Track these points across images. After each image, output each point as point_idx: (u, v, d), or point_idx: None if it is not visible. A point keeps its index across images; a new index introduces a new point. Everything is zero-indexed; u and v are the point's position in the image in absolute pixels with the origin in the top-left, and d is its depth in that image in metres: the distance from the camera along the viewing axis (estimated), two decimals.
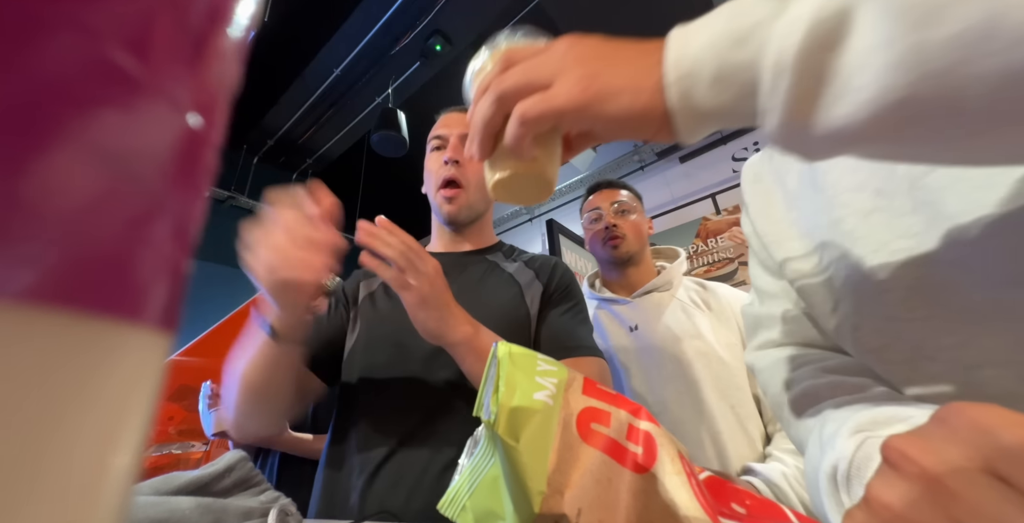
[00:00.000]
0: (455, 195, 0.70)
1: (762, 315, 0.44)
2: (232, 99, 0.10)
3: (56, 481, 0.07)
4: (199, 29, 0.09)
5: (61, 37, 0.07)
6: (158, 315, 0.08)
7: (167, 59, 0.08)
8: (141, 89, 0.08)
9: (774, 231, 0.41)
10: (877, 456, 0.24)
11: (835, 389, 0.33)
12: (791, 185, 0.40)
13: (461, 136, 0.72)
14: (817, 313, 0.37)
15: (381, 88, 2.66)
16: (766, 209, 0.43)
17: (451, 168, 0.69)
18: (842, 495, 0.26)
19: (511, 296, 0.66)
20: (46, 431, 0.06)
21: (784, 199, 0.41)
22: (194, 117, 0.09)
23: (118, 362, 0.08)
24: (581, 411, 0.26)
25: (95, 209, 0.07)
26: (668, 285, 0.93)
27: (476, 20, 2.32)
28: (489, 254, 0.75)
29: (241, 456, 0.45)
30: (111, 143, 0.07)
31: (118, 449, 0.08)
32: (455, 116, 0.77)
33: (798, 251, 0.38)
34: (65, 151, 0.07)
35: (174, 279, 0.09)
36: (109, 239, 0.07)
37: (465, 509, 0.28)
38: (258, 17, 0.11)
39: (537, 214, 3.42)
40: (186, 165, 0.09)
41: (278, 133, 3.05)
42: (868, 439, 0.26)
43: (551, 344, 0.61)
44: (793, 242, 0.38)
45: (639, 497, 0.23)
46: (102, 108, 0.07)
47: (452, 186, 0.69)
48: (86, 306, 0.07)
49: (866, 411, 0.28)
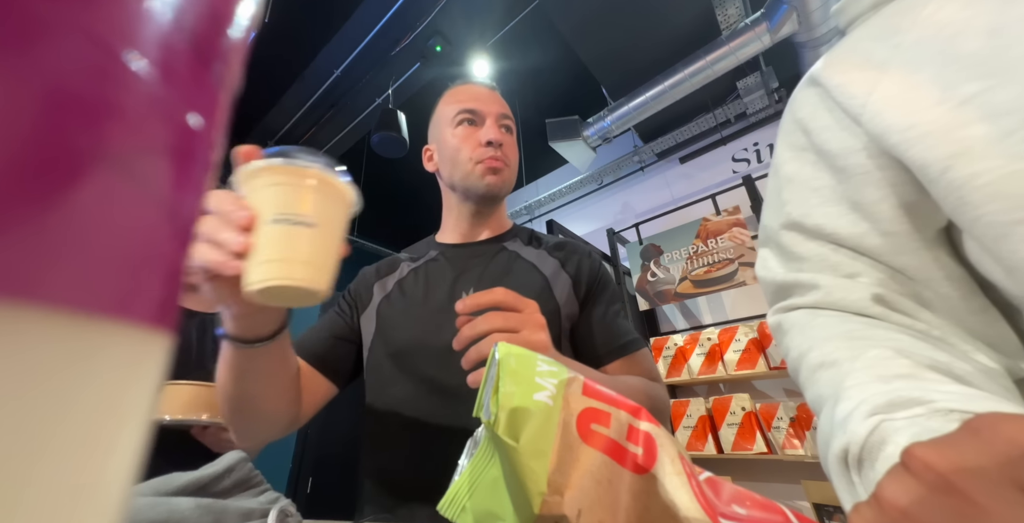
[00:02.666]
0: (501, 167, 0.65)
1: (799, 281, 0.39)
2: (233, 99, 0.10)
3: (51, 483, 0.07)
4: (200, 30, 0.09)
5: (62, 39, 0.07)
6: (157, 314, 0.08)
7: (167, 60, 0.08)
8: (140, 89, 0.08)
9: (929, 119, 0.29)
10: (891, 440, 0.24)
11: (855, 353, 0.31)
12: (969, 47, 0.29)
13: (498, 116, 0.68)
14: (990, 232, 0.27)
15: (381, 89, 2.66)
16: (908, 96, 0.31)
17: (495, 150, 0.65)
18: (852, 475, 0.26)
19: (539, 290, 0.62)
20: (39, 431, 0.06)
21: (946, 73, 0.30)
22: (194, 117, 0.09)
23: (116, 361, 0.08)
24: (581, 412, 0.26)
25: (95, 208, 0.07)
26: None
27: (476, 21, 2.32)
28: (507, 241, 0.71)
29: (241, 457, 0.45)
30: (111, 143, 0.07)
31: (116, 450, 0.08)
32: (484, 90, 0.72)
33: (983, 134, 0.27)
34: (65, 151, 0.07)
35: (173, 279, 0.09)
36: (109, 238, 0.07)
37: (465, 510, 0.28)
38: (258, 18, 0.11)
39: (537, 214, 3.42)
40: (186, 165, 0.09)
41: (279, 133, 3.06)
42: (883, 422, 0.25)
43: (604, 348, 0.59)
44: (974, 126, 0.28)
45: (639, 498, 0.23)
46: (102, 108, 0.07)
47: (496, 160, 0.65)
48: (84, 306, 0.07)
49: (883, 388, 0.27)
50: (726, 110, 2.50)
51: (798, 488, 1.74)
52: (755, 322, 1.96)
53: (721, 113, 2.51)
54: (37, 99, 0.06)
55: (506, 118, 0.70)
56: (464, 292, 0.62)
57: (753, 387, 2.04)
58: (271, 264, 0.32)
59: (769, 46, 1.94)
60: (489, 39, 2.47)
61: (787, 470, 1.83)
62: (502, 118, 0.69)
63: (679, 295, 2.18)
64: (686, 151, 2.68)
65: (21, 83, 0.06)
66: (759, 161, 2.42)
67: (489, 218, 0.72)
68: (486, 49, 2.54)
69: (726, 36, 1.98)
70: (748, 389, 2.03)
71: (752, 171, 2.35)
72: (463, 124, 0.68)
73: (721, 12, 1.96)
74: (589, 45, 2.20)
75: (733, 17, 1.97)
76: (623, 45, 2.17)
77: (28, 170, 0.06)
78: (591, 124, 2.53)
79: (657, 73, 2.22)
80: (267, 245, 0.32)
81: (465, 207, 0.70)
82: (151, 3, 0.08)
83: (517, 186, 3.73)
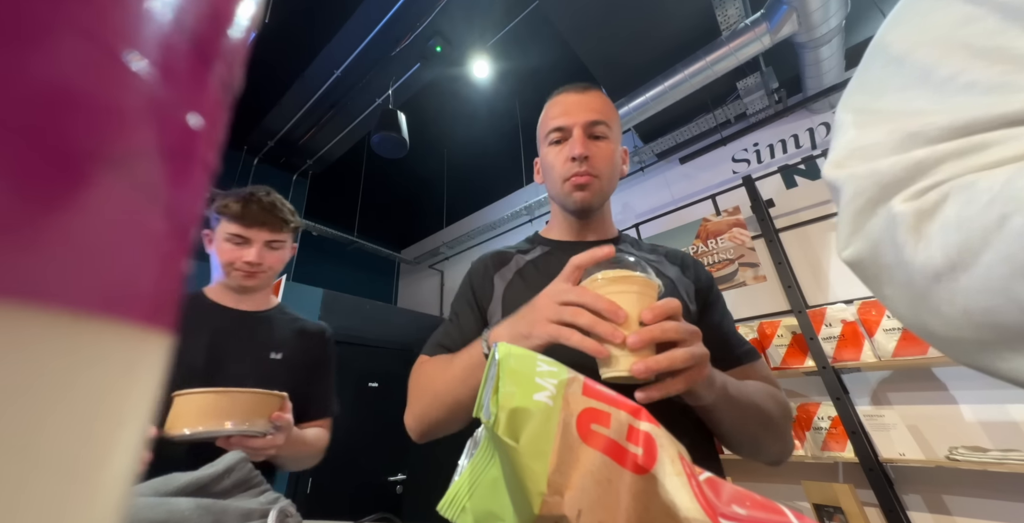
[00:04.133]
0: (588, 182, 0.66)
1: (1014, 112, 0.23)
2: (233, 100, 0.10)
3: (49, 483, 0.06)
4: (200, 30, 0.09)
5: (62, 40, 0.07)
6: (156, 315, 0.08)
7: (167, 60, 0.08)
8: (140, 89, 0.08)
9: None
10: None
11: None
12: None
13: (585, 126, 0.67)
14: None
15: (381, 89, 2.67)
16: None
17: (580, 165, 0.65)
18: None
19: (670, 291, 0.62)
20: (37, 431, 0.06)
21: None
22: (194, 117, 0.09)
23: (115, 361, 0.08)
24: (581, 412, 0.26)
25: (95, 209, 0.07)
26: None
27: (476, 21, 2.33)
28: (619, 244, 0.72)
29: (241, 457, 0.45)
30: (111, 143, 0.07)
31: (115, 449, 0.08)
32: (574, 98, 0.70)
33: None
34: (64, 151, 0.07)
35: (173, 279, 0.09)
36: (107, 238, 0.07)
37: (465, 510, 0.28)
38: (259, 18, 0.11)
39: (538, 214, 3.43)
40: (186, 165, 0.09)
41: (279, 134, 3.06)
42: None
43: (723, 353, 0.59)
44: None
45: (639, 498, 0.23)
46: (102, 108, 0.07)
47: (582, 176, 0.66)
48: (82, 305, 0.07)
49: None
50: (726, 110, 2.50)
51: (798, 488, 1.74)
52: (755, 322, 1.96)
53: (721, 113, 2.51)
54: (37, 99, 0.06)
55: (596, 124, 0.68)
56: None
57: None
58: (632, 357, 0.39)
59: (769, 47, 1.94)
60: (489, 39, 2.47)
61: (787, 470, 1.83)
62: (590, 126, 0.68)
63: None
64: (686, 151, 2.68)
65: (21, 83, 0.06)
66: (759, 161, 2.42)
67: (591, 224, 0.73)
68: (486, 49, 2.54)
69: (726, 36, 1.98)
70: None
71: (752, 171, 2.35)
72: (554, 145, 0.70)
73: (721, 12, 1.96)
74: (589, 45, 2.20)
75: (733, 17, 1.98)
76: (623, 45, 2.17)
77: (27, 170, 0.06)
78: None
79: (657, 73, 2.22)
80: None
81: (566, 216, 0.73)
82: (151, 3, 0.08)
83: (517, 186, 3.74)
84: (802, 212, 2.13)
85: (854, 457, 1.53)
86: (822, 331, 1.71)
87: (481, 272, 0.71)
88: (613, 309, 0.40)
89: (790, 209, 2.16)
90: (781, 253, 1.98)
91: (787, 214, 2.16)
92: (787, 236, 2.12)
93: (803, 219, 2.11)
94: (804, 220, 2.11)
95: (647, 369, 0.38)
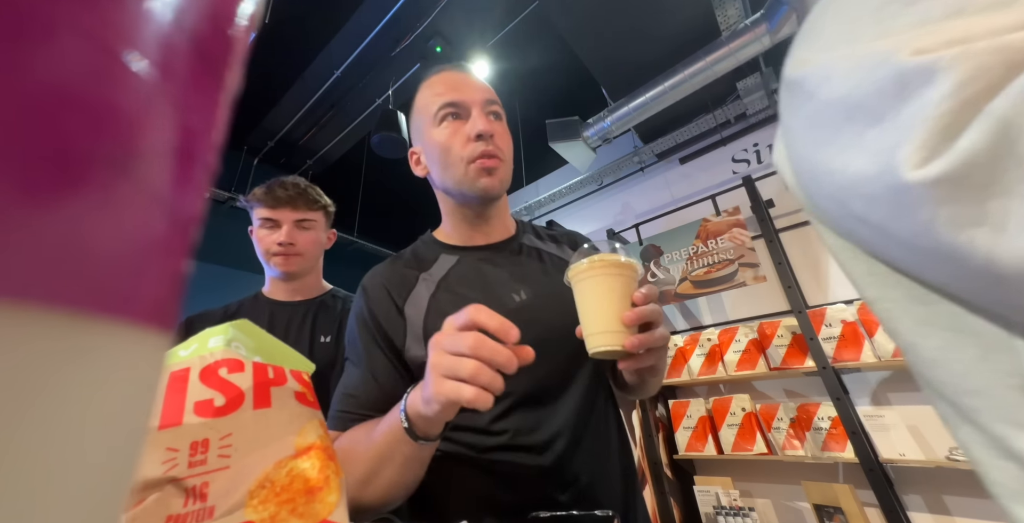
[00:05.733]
0: (496, 166, 0.59)
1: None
2: (233, 100, 0.10)
3: (49, 482, 0.06)
4: (200, 30, 0.09)
5: (63, 40, 0.07)
6: (156, 314, 0.08)
7: (168, 60, 0.08)
8: (140, 89, 0.08)
9: None
10: None
11: None
12: None
13: (483, 103, 0.61)
14: None
15: (381, 89, 2.67)
16: None
17: (486, 144, 0.58)
18: None
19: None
20: (36, 430, 0.06)
21: None
22: (194, 117, 0.09)
23: (116, 360, 0.08)
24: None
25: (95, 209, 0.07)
26: None
27: (476, 22, 2.33)
28: (522, 238, 0.70)
29: None
30: (111, 143, 0.07)
31: (115, 449, 0.08)
32: (460, 76, 0.64)
33: None
34: (65, 151, 0.07)
35: (173, 279, 0.09)
36: (107, 238, 0.07)
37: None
38: (258, 18, 0.11)
39: (537, 215, 3.42)
40: (186, 165, 0.09)
41: (279, 134, 3.06)
42: None
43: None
44: None
45: None
46: (102, 109, 0.07)
47: (490, 158, 0.59)
48: (82, 304, 0.07)
49: None
50: (726, 111, 2.50)
51: (798, 489, 1.74)
52: (755, 322, 1.96)
53: (721, 114, 2.51)
54: (37, 99, 0.06)
55: (492, 103, 0.62)
56: (515, 295, 0.59)
57: (753, 388, 2.04)
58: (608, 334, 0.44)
59: (769, 47, 1.94)
60: (489, 40, 2.47)
61: (787, 471, 1.82)
62: (488, 104, 0.61)
63: (679, 296, 2.18)
64: (686, 152, 2.68)
65: (21, 83, 0.06)
66: (759, 162, 2.42)
67: (492, 219, 0.67)
68: (486, 50, 2.54)
69: (726, 37, 1.98)
70: (748, 390, 2.02)
71: (752, 172, 2.35)
72: (447, 120, 0.61)
73: (721, 13, 1.96)
74: (589, 46, 2.20)
75: (733, 18, 1.97)
76: (623, 46, 2.17)
77: (28, 170, 0.06)
78: (591, 125, 2.53)
79: (657, 74, 2.22)
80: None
81: (466, 210, 0.65)
82: (151, 3, 0.08)
83: (517, 187, 3.73)
84: (802, 212, 2.12)
85: (854, 457, 1.52)
86: (822, 331, 1.71)
87: (384, 304, 0.60)
88: (505, 328, 0.38)
89: (790, 209, 2.16)
90: (781, 253, 1.97)
91: (787, 214, 2.16)
92: (787, 236, 2.12)
93: (803, 219, 2.11)
94: (804, 220, 2.11)
95: (640, 343, 0.42)
